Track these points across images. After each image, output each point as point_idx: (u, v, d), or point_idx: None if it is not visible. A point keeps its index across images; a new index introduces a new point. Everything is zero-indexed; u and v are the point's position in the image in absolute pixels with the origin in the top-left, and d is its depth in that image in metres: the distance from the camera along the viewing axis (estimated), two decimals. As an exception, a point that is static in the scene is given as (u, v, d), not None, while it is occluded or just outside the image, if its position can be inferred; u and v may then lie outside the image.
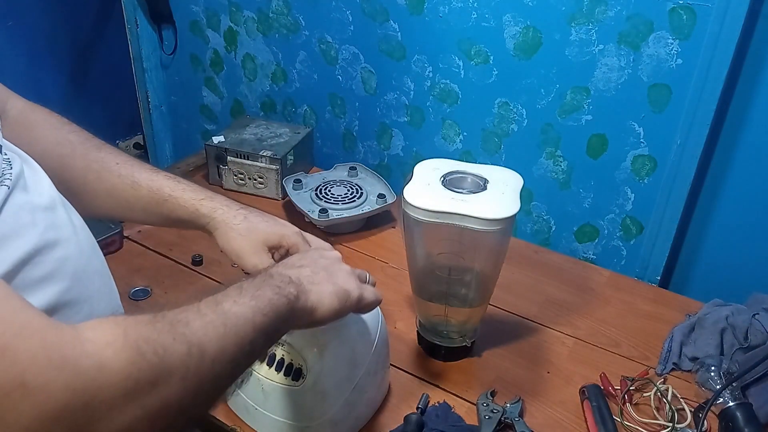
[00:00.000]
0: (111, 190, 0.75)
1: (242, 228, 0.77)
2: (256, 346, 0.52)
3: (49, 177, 0.62)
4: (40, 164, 0.63)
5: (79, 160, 0.74)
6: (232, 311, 0.51)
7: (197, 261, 1.14)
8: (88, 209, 0.67)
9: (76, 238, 0.61)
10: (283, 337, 0.75)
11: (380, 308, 0.84)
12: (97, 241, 1.10)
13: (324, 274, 0.64)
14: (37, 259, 0.54)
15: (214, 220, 0.77)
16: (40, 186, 0.60)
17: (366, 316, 0.79)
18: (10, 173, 0.55)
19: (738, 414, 0.82)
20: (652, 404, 0.88)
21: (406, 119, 1.37)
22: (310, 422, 0.78)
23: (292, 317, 0.58)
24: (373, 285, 0.74)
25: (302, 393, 0.76)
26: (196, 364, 0.45)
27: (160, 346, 0.43)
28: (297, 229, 0.81)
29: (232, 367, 0.50)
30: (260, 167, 1.35)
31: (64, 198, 0.63)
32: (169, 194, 0.76)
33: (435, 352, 0.96)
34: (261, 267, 0.74)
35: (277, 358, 0.77)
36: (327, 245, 0.81)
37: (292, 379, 0.76)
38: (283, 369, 0.76)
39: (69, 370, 0.37)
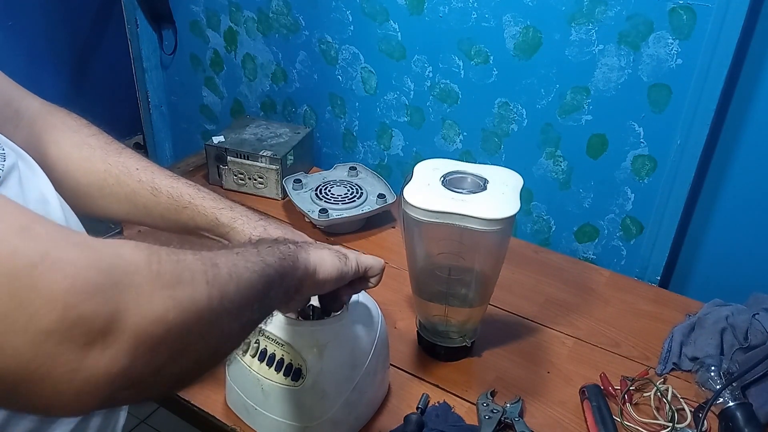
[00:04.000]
0: (130, 194, 0.75)
1: (260, 229, 0.78)
2: (265, 295, 0.51)
3: (68, 180, 0.60)
4: (58, 167, 0.62)
5: (98, 164, 0.74)
6: (241, 258, 0.49)
7: (197, 261, 1.14)
8: (106, 213, 0.66)
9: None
10: (283, 337, 0.75)
11: (380, 308, 0.84)
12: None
13: (311, 244, 0.66)
14: None
15: (234, 230, 0.77)
16: (35, 182, 0.59)
17: (366, 316, 0.79)
18: (2, 165, 0.54)
19: (738, 414, 0.82)
20: (652, 404, 0.88)
21: (406, 119, 1.37)
22: (310, 422, 0.78)
23: (295, 274, 0.57)
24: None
25: (302, 393, 0.76)
26: (214, 274, 0.44)
27: (178, 253, 0.43)
28: (312, 240, 0.81)
29: (248, 306, 0.48)
30: (260, 167, 1.35)
31: (62, 198, 0.62)
32: (189, 202, 0.76)
33: (435, 352, 0.96)
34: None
35: (277, 358, 0.77)
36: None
37: (292, 380, 0.76)
38: (283, 369, 0.76)
39: (90, 250, 0.37)
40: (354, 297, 0.78)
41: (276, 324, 0.76)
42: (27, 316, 0.33)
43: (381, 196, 1.26)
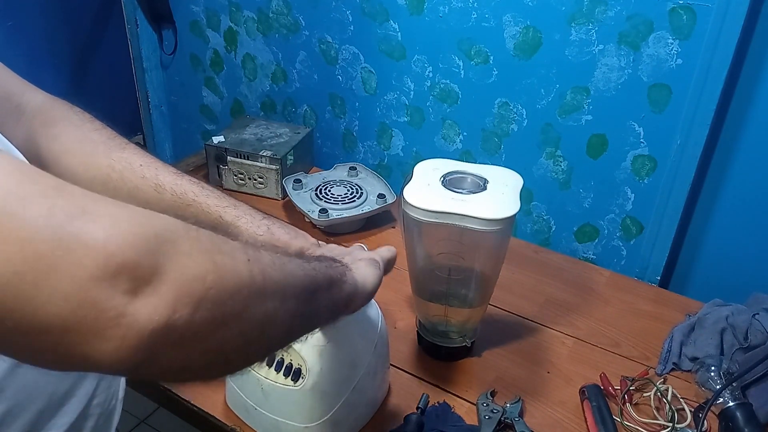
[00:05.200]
0: (133, 190, 0.73)
1: (265, 239, 0.77)
2: (312, 295, 0.51)
3: (70, 176, 0.59)
4: (60, 162, 0.61)
5: (101, 159, 0.73)
6: (284, 257, 0.49)
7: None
8: None
9: None
10: None
11: (380, 308, 0.84)
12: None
13: (348, 257, 0.66)
14: None
15: (238, 228, 0.76)
16: None
17: (366, 316, 0.79)
18: None
19: (738, 414, 0.82)
20: (652, 404, 0.88)
21: (406, 119, 1.37)
22: (310, 422, 0.78)
23: (344, 288, 0.58)
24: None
25: (302, 393, 0.76)
26: (256, 257, 0.44)
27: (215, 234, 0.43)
28: (315, 240, 0.81)
29: (293, 297, 0.48)
30: (260, 167, 1.35)
31: None
32: (193, 199, 0.75)
33: (435, 352, 0.96)
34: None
35: (277, 358, 0.77)
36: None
37: (292, 380, 0.76)
38: (283, 369, 0.76)
39: (126, 208, 0.38)
40: None
41: None
42: (73, 264, 0.34)
43: (381, 196, 1.26)
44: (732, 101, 1.05)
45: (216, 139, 1.38)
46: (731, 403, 0.83)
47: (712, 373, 0.89)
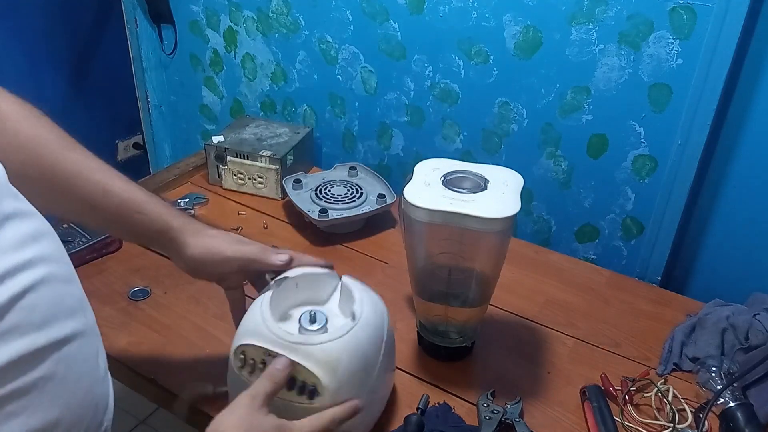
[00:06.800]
0: (80, 194, 0.72)
1: (213, 232, 0.78)
2: None
3: (10, 171, 0.56)
4: (8, 158, 0.57)
5: (48, 159, 0.71)
6: None
7: (197, 261, 1.14)
8: (51, 210, 0.62)
9: (49, 277, 0.55)
10: (292, 356, 0.70)
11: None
12: (97, 242, 1.12)
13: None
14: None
15: (186, 232, 0.77)
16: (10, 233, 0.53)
17: (373, 316, 0.77)
18: None
19: (739, 414, 0.82)
20: (653, 405, 0.88)
21: (406, 119, 1.37)
22: None
23: None
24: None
25: (319, 411, 0.71)
26: None
27: None
28: (270, 247, 0.81)
29: None
30: (260, 167, 1.34)
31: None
32: (141, 206, 0.75)
33: (435, 353, 0.96)
34: (263, 249, 0.78)
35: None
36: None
37: (308, 398, 0.71)
38: (296, 388, 0.71)
39: None
40: (357, 293, 0.77)
41: (280, 342, 0.71)
42: None
43: (381, 196, 1.26)
44: (732, 101, 1.05)
45: (216, 139, 1.38)
46: (732, 404, 0.83)
47: (713, 374, 0.88)
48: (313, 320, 0.75)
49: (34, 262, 0.54)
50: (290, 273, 0.79)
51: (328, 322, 0.75)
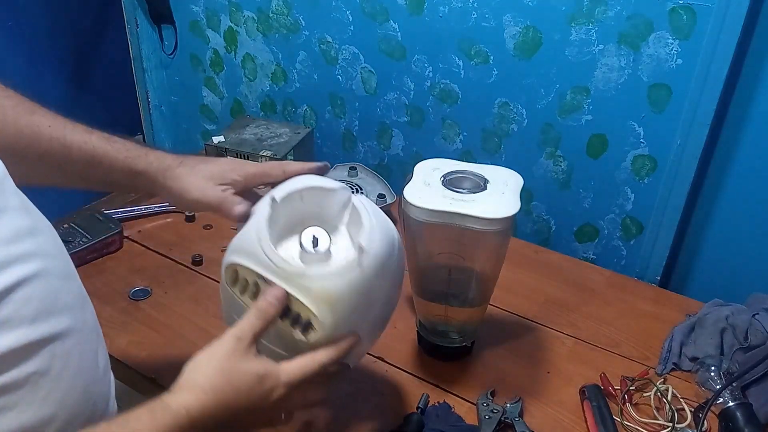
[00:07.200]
0: (43, 155, 0.70)
1: (183, 170, 0.74)
2: None
3: None
4: None
5: (9, 127, 0.69)
6: None
7: (197, 261, 1.14)
8: (22, 179, 0.61)
9: (44, 271, 0.55)
10: (287, 287, 0.64)
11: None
12: (97, 242, 1.12)
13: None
14: None
15: (156, 173, 0.74)
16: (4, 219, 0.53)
17: (380, 249, 0.68)
18: None
19: (738, 414, 0.82)
20: (652, 404, 0.88)
21: (406, 119, 1.37)
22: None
23: None
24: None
25: (312, 347, 0.66)
26: None
27: None
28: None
29: None
30: (260, 167, 1.34)
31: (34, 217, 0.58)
32: (103, 155, 0.73)
33: (435, 352, 0.96)
34: (224, 196, 0.72)
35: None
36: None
37: (302, 331, 0.65)
38: (290, 317, 0.65)
39: None
40: (367, 221, 0.68)
41: (275, 270, 0.64)
42: None
43: (381, 196, 1.26)
44: (732, 101, 1.05)
45: (216, 139, 1.38)
46: (731, 403, 0.83)
47: (712, 373, 0.89)
48: (315, 243, 0.67)
49: (29, 256, 0.54)
50: (295, 183, 0.72)
51: (332, 246, 0.68)
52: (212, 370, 0.60)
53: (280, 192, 0.70)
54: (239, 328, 0.63)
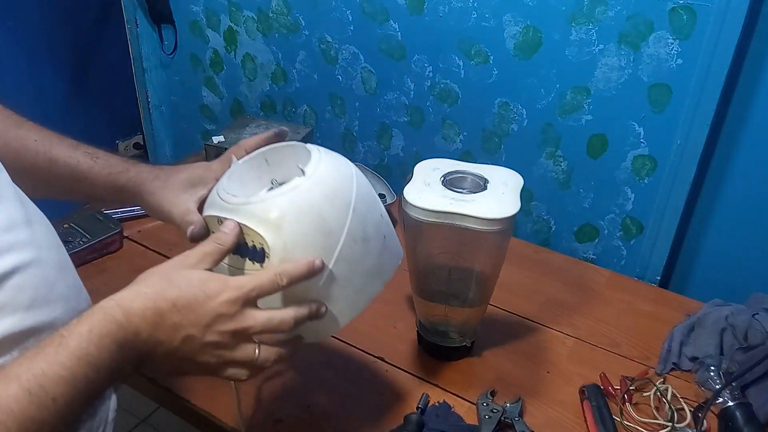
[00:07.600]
0: (29, 168, 0.72)
1: (157, 184, 0.75)
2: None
3: None
4: None
5: None
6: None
7: (197, 261, 1.14)
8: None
9: (38, 260, 0.56)
10: (234, 218, 0.65)
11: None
12: (97, 242, 1.12)
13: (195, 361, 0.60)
14: None
15: (135, 188, 0.75)
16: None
17: (329, 176, 0.68)
18: None
19: (737, 414, 0.82)
20: (652, 404, 0.88)
21: (406, 119, 1.37)
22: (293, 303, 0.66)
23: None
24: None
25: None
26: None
27: None
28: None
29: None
30: (260, 167, 1.34)
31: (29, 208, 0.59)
32: (87, 170, 0.74)
33: (435, 352, 0.96)
34: (186, 212, 0.72)
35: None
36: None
37: (258, 261, 0.65)
38: (248, 254, 0.65)
39: None
40: (315, 154, 0.69)
41: (227, 206, 0.66)
42: None
43: (381, 196, 1.26)
44: (732, 101, 1.05)
45: (216, 139, 1.38)
46: (731, 403, 0.83)
47: (712, 373, 0.89)
48: (277, 185, 0.70)
49: (24, 245, 0.55)
50: (260, 150, 0.77)
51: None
52: (151, 274, 0.60)
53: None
54: (187, 252, 0.63)
